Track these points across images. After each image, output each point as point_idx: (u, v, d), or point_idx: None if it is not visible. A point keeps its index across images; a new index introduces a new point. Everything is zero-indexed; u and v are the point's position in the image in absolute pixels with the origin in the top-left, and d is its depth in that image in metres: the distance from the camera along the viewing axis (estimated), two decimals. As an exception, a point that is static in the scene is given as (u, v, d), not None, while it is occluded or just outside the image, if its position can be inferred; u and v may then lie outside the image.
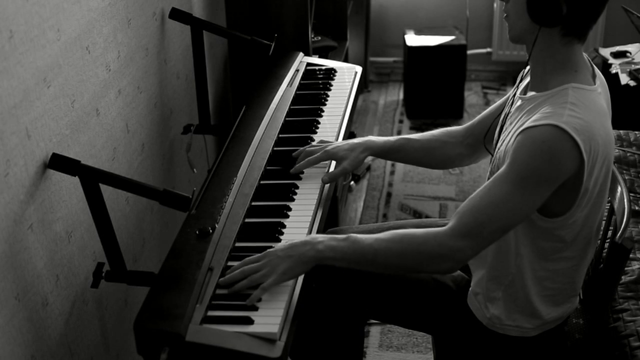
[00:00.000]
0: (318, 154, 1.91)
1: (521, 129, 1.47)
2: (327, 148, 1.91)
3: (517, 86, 1.72)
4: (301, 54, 2.54)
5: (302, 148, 1.96)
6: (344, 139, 2.14)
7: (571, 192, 1.48)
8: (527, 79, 1.67)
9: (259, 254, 1.57)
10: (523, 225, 1.54)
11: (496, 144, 1.68)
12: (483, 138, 1.84)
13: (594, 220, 1.58)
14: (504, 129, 1.65)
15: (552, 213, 1.52)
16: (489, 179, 1.68)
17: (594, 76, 1.56)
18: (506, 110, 1.69)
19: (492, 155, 1.70)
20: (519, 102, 1.62)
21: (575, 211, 1.51)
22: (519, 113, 1.58)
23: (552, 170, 1.44)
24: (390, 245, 1.53)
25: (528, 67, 1.72)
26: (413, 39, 4.15)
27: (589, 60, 1.59)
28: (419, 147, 1.93)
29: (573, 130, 1.42)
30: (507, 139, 1.56)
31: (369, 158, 3.34)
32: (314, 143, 1.99)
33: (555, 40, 1.51)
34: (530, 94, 1.58)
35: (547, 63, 1.54)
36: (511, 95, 1.73)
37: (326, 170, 1.92)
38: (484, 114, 1.90)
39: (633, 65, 3.44)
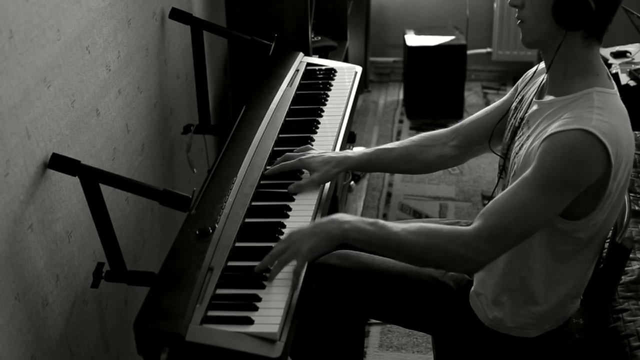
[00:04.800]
0: (293, 161, 1.89)
1: (547, 134, 1.45)
2: (303, 157, 1.89)
3: (524, 89, 1.70)
4: (301, 54, 2.54)
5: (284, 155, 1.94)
6: (344, 139, 2.14)
7: (595, 195, 1.48)
8: (536, 82, 1.65)
9: (285, 236, 1.59)
10: (543, 228, 1.53)
11: (508, 148, 1.67)
12: (488, 142, 1.82)
13: (611, 222, 1.58)
14: (519, 134, 1.63)
15: (574, 215, 1.51)
16: (507, 183, 1.65)
17: (609, 77, 1.56)
18: (519, 114, 1.66)
19: (503, 158, 1.69)
20: (535, 107, 1.59)
21: (597, 214, 1.51)
22: (538, 117, 1.56)
23: (580, 174, 1.43)
24: (416, 239, 1.53)
25: (535, 70, 1.71)
26: (413, 39, 4.15)
27: (604, 64, 1.57)
28: (397, 155, 1.91)
29: (602, 134, 1.41)
30: (527, 144, 1.54)
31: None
32: (297, 150, 1.96)
33: (576, 43, 1.50)
34: (548, 98, 1.57)
35: (569, 67, 1.53)
36: (519, 99, 1.70)
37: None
38: (476, 116, 1.88)
39: (633, 65, 3.44)
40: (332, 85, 2.39)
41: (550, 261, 1.58)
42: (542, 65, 1.65)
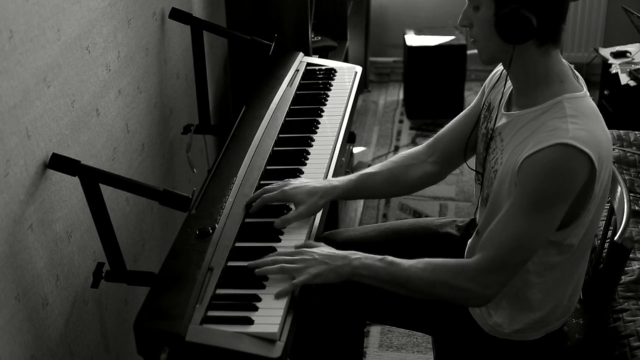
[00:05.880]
0: (275, 193, 1.75)
1: (526, 154, 1.44)
2: (285, 188, 1.75)
3: (491, 93, 1.68)
4: (301, 54, 2.54)
5: (261, 190, 1.79)
6: (343, 139, 2.13)
7: (581, 201, 1.47)
8: (498, 88, 1.64)
9: (295, 249, 1.58)
10: None
11: (484, 160, 1.66)
12: (464, 158, 1.79)
13: (597, 221, 1.58)
14: (492, 146, 1.62)
15: (561, 225, 1.50)
16: (484, 200, 1.65)
17: (575, 77, 1.54)
18: (490, 124, 1.65)
19: (481, 174, 1.68)
20: (504, 120, 1.58)
21: (584, 217, 1.51)
22: (510, 130, 1.54)
23: (566, 188, 1.42)
24: (422, 274, 1.53)
25: (500, 73, 1.69)
26: (413, 39, 4.15)
27: (566, 63, 1.55)
28: (382, 179, 1.83)
29: (582, 143, 1.40)
30: (503, 159, 1.53)
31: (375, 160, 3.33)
32: (275, 184, 1.80)
33: (532, 52, 1.49)
34: (517, 111, 1.55)
35: (530, 77, 1.52)
36: (487, 106, 1.69)
37: (326, 167, 1.92)
38: (448, 129, 1.84)
39: (633, 65, 3.44)
40: (332, 85, 2.39)
41: (544, 272, 1.58)
42: None
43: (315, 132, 2.13)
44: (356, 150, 3.69)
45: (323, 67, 2.51)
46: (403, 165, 1.86)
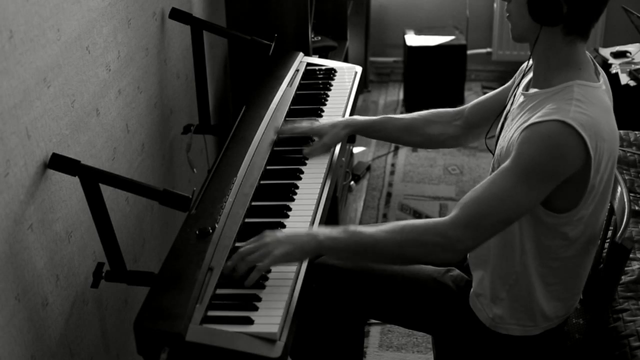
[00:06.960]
0: (304, 127, 2.03)
1: (526, 124, 1.47)
2: (313, 125, 2.02)
3: (518, 83, 1.71)
4: (301, 54, 2.54)
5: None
6: (344, 140, 2.14)
7: (578, 189, 1.48)
8: (529, 76, 1.66)
9: (257, 237, 1.58)
10: (528, 221, 1.54)
11: (497, 141, 1.68)
12: (485, 136, 1.85)
13: (597, 218, 1.58)
14: (504, 126, 1.65)
15: (559, 209, 1.52)
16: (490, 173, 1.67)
17: (597, 73, 1.57)
18: (507, 107, 1.69)
19: (493, 153, 1.70)
20: (521, 99, 1.61)
21: (581, 208, 1.51)
22: (521, 110, 1.58)
23: (557, 165, 1.44)
24: (390, 236, 1.54)
25: (529, 64, 1.72)
26: (413, 39, 4.16)
27: (591, 58, 1.59)
28: (401, 125, 2.00)
29: (579, 125, 1.42)
30: (508, 135, 1.56)
31: (371, 155, 3.35)
32: (304, 122, 2.08)
33: (558, 39, 1.52)
34: (533, 90, 1.58)
35: (551, 61, 1.55)
36: (512, 93, 1.72)
37: (326, 167, 1.93)
38: (479, 100, 1.92)
39: (633, 65, 3.44)
40: (332, 85, 2.39)
41: (539, 257, 1.58)
42: None
43: (315, 132, 2.12)
44: (356, 150, 3.69)
45: (323, 67, 2.51)
46: (426, 119, 2.00)
